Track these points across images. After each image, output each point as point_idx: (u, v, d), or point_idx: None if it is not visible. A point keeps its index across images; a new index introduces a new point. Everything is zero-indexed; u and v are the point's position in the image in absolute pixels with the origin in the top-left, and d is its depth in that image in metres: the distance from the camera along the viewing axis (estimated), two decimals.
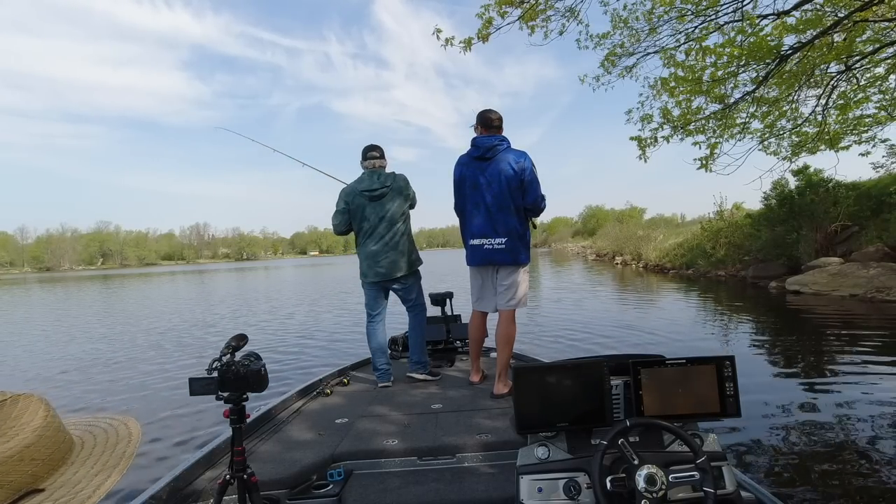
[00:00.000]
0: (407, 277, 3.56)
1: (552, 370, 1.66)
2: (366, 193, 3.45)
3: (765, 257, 13.51)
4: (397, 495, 2.00)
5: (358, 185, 3.50)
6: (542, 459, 1.57)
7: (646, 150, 7.22)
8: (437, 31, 6.26)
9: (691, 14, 6.64)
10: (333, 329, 9.42)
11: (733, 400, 1.62)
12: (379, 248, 3.46)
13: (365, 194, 3.45)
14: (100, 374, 6.60)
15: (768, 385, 4.56)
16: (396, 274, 3.50)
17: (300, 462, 2.19)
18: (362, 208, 3.47)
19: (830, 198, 12.35)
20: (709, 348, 6.28)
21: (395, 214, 3.50)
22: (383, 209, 3.47)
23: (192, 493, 1.99)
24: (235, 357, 1.68)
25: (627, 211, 57.38)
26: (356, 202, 3.47)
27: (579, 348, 6.60)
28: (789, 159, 7.95)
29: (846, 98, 7.05)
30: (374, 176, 3.49)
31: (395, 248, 3.49)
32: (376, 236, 3.47)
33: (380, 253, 3.46)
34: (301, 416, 2.88)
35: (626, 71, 7.56)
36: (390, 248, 3.48)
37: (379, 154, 3.56)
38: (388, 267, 3.48)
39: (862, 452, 3.06)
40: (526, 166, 3.08)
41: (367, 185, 3.47)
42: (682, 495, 1.42)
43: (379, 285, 3.56)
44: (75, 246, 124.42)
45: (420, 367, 3.55)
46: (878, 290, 9.04)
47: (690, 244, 18.70)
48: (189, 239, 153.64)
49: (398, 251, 3.50)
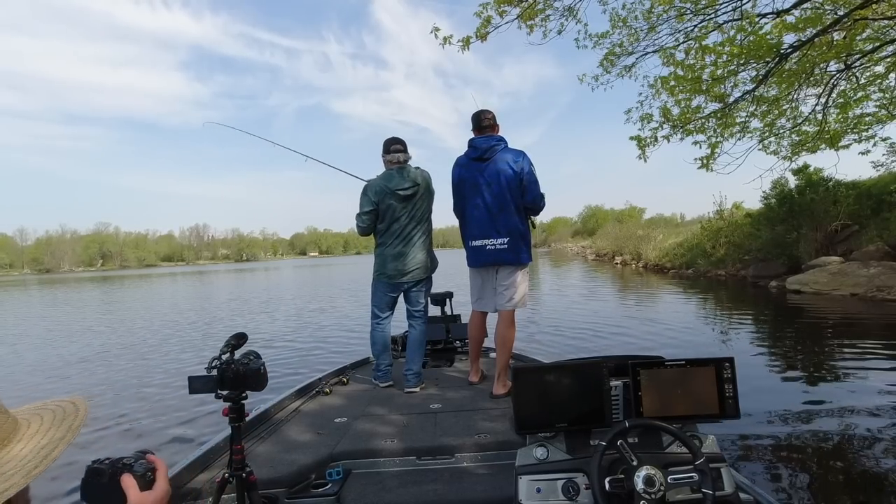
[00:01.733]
0: (425, 282, 3.46)
1: (551, 371, 1.66)
2: (399, 193, 3.24)
3: (765, 257, 13.51)
4: (396, 495, 2.00)
5: (387, 183, 3.25)
6: (541, 460, 1.57)
7: (645, 149, 7.22)
8: (435, 29, 6.27)
9: (690, 13, 6.64)
10: (333, 329, 9.42)
11: (732, 401, 1.61)
12: (409, 249, 3.30)
13: (398, 194, 3.24)
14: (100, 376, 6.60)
15: (768, 386, 4.55)
16: (420, 276, 3.38)
17: (299, 461, 2.19)
18: (393, 209, 3.26)
19: (830, 197, 12.35)
20: (709, 349, 6.27)
21: (425, 215, 3.37)
22: (415, 209, 3.30)
23: (190, 491, 1.99)
24: (235, 355, 1.68)
25: (627, 211, 57.43)
26: (386, 202, 3.25)
27: (579, 349, 6.59)
28: (789, 158, 7.95)
29: (846, 97, 7.04)
30: (404, 173, 3.28)
31: (423, 249, 3.37)
32: (405, 237, 3.30)
33: (408, 254, 3.31)
34: (300, 415, 2.87)
35: (625, 70, 7.57)
36: (418, 249, 3.34)
37: (403, 147, 3.33)
38: (415, 268, 3.34)
39: (861, 453, 3.05)
40: (524, 166, 3.08)
41: (398, 183, 3.25)
42: (680, 497, 1.41)
43: (396, 286, 3.39)
44: (75, 247, 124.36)
45: (417, 379, 3.33)
46: (878, 289, 9.03)
47: (690, 244, 18.69)
48: (189, 240, 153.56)
49: (424, 252, 3.38)
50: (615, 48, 7.36)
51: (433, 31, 6.26)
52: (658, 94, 7.27)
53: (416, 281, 3.39)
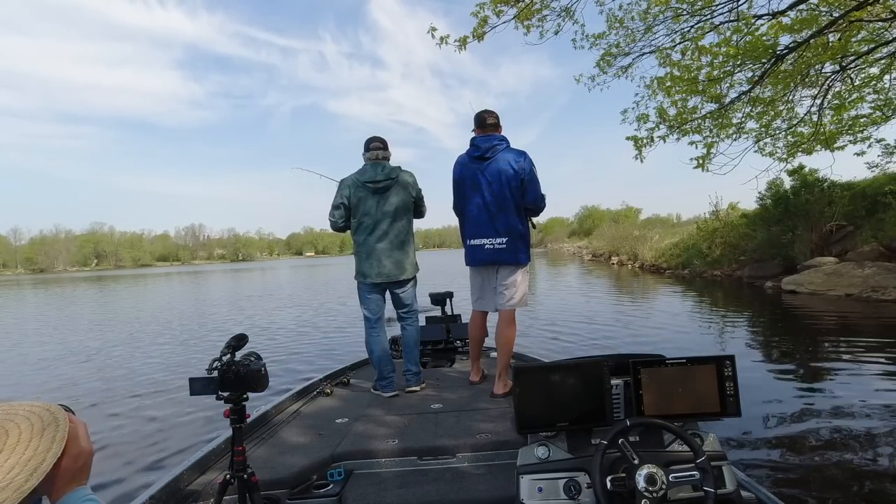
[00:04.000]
0: (409, 282, 3.36)
1: (552, 370, 1.67)
2: (369, 185, 3.20)
3: (760, 257, 13.57)
4: (397, 495, 2.00)
5: (360, 177, 3.24)
6: (543, 459, 1.57)
7: (642, 149, 7.24)
8: (432, 29, 6.27)
9: (687, 14, 6.67)
10: (333, 329, 9.41)
11: (733, 399, 1.62)
12: (382, 245, 3.22)
13: (368, 186, 3.20)
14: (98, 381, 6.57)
15: (767, 385, 4.57)
16: (401, 276, 3.28)
17: (300, 462, 2.19)
18: (363, 201, 3.21)
19: (826, 197, 12.42)
20: (706, 348, 6.30)
21: (399, 210, 3.27)
22: (387, 203, 3.23)
23: (191, 492, 1.98)
24: (235, 357, 1.68)
25: (623, 211, 57.61)
26: (357, 194, 3.22)
27: (579, 348, 6.61)
28: (785, 159, 7.99)
29: (841, 98, 7.08)
30: (378, 167, 3.24)
31: (399, 247, 3.27)
32: (378, 232, 3.22)
33: (383, 251, 3.22)
34: (301, 416, 2.87)
35: (621, 71, 7.60)
36: (394, 246, 3.25)
37: (382, 145, 3.32)
38: (392, 267, 3.24)
39: (861, 451, 3.07)
40: (525, 165, 3.09)
41: (371, 175, 3.21)
42: (682, 495, 1.42)
43: (380, 287, 3.30)
44: (69, 247, 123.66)
45: (416, 378, 3.33)
46: (873, 290, 9.09)
47: (686, 244, 18.75)
48: (184, 240, 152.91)
49: (402, 251, 3.28)
50: (612, 48, 7.39)
51: (430, 30, 6.28)
52: (654, 94, 7.30)
53: (395, 282, 3.29)
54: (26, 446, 0.70)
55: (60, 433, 0.74)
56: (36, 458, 0.69)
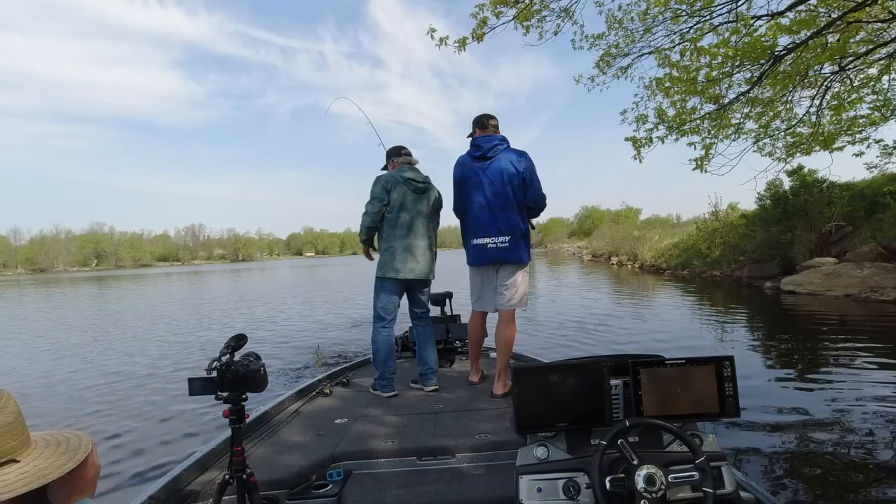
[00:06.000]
0: (430, 283, 3.44)
1: (552, 370, 1.67)
2: (412, 183, 3.26)
3: (760, 257, 13.58)
4: (396, 496, 2.00)
5: (400, 173, 3.27)
6: (542, 459, 1.57)
7: (641, 150, 7.26)
8: (431, 30, 6.27)
9: (686, 14, 6.67)
10: (334, 329, 9.40)
11: (733, 400, 1.63)
12: (419, 243, 3.26)
13: (412, 183, 3.25)
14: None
15: (767, 385, 4.58)
16: (429, 276, 3.33)
17: (299, 462, 2.19)
18: (404, 197, 3.24)
19: (825, 198, 12.44)
20: (706, 348, 6.30)
21: (432, 213, 3.37)
22: (424, 204, 3.30)
23: (190, 493, 1.98)
24: (235, 357, 1.68)
25: (623, 211, 57.62)
26: (399, 190, 3.22)
27: (578, 348, 6.61)
28: (784, 160, 8.01)
29: (840, 99, 7.10)
30: (416, 170, 3.35)
31: (430, 248, 3.34)
32: (415, 231, 3.25)
33: (418, 249, 3.25)
34: (300, 416, 2.87)
35: (620, 71, 7.59)
36: (427, 246, 3.31)
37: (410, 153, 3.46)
38: (425, 266, 3.28)
39: (860, 451, 3.08)
40: (527, 165, 3.11)
41: (413, 175, 3.28)
42: (681, 495, 1.42)
43: (403, 285, 3.29)
44: (69, 247, 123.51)
45: (435, 376, 3.34)
46: (872, 290, 9.10)
47: (686, 244, 18.78)
48: (184, 240, 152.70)
49: (432, 252, 3.36)
50: (611, 49, 7.39)
51: (429, 31, 6.27)
52: (653, 95, 7.31)
53: (421, 280, 3.31)
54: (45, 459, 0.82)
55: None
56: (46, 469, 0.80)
